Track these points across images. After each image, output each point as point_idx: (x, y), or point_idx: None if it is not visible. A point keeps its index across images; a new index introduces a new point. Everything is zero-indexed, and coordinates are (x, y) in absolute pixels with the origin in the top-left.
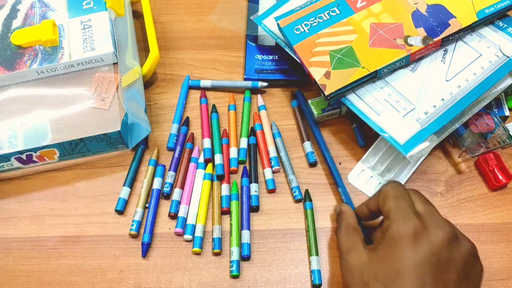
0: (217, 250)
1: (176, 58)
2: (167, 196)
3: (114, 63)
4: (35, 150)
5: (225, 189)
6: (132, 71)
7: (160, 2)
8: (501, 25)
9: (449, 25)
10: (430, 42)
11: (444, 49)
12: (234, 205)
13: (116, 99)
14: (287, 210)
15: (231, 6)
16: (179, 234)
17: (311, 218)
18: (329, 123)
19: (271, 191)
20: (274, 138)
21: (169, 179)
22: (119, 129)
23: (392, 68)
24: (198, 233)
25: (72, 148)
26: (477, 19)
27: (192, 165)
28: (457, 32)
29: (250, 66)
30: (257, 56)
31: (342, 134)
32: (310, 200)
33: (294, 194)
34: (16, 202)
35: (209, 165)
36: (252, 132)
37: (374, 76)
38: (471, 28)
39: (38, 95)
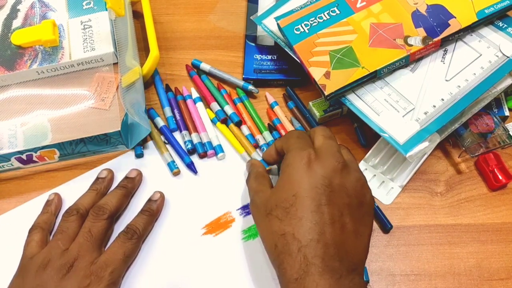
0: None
1: (176, 58)
2: (193, 151)
3: (114, 63)
4: (35, 150)
5: (246, 129)
6: (132, 71)
7: (160, 2)
8: (501, 25)
9: (449, 25)
10: (430, 42)
11: (444, 49)
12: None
13: (116, 99)
14: None
15: (231, 6)
16: (211, 156)
17: None
18: (330, 123)
19: None
20: None
21: (186, 138)
22: (119, 129)
23: (392, 68)
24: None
25: (72, 148)
26: (477, 19)
27: (189, 102)
28: (457, 32)
29: (248, 66)
30: (256, 56)
31: (343, 134)
32: None
33: None
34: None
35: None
36: (271, 128)
37: (374, 76)
38: (471, 28)
39: (38, 95)
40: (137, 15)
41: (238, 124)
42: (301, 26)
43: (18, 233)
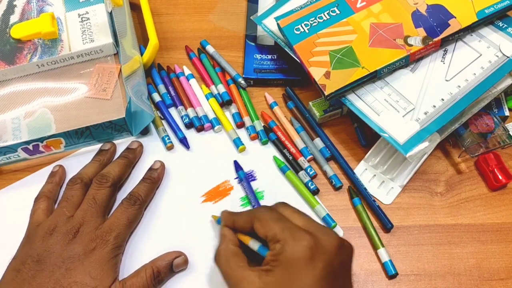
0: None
1: (176, 58)
2: (190, 125)
3: (114, 54)
4: (41, 140)
5: (234, 108)
6: (133, 60)
7: (160, 2)
8: (501, 25)
9: (449, 25)
10: (430, 42)
11: (444, 49)
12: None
13: (118, 89)
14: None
15: (231, 6)
16: (208, 129)
17: (365, 213)
18: (329, 123)
19: (313, 177)
20: (298, 133)
21: (182, 112)
22: (124, 116)
23: (392, 68)
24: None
25: (78, 137)
26: (477, 19)
27: (182, 79)
28: (457, 32)
29: (249, 66)
30: (256, 56)
31: (342, 134)
32: (357, 196)
33: (333, 183)
34: None
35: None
36: (267, 130)
37: (374, 76)
38: (471, 28)
39: (40, 88)
40: (134, 7)
41: (229, 102)
42: (301, 26)
43: (24, 203)
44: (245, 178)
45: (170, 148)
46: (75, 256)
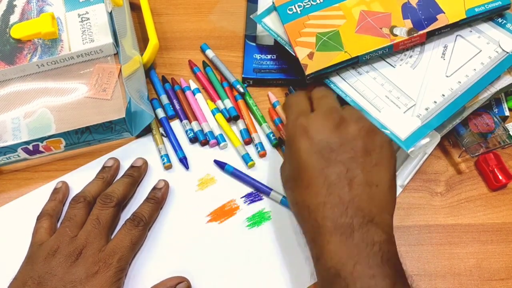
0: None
1: (176, 58)
2: (195, 140)
3: (114, 54)
4: (41, 140)
5: (241, 124)
6: (133, 60)
7: (160, 2)
8: (500, 21)
9: (436, 19)
10: (414, 35)
11: (444, 45)
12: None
13: (118, 89)
14: None
15: (230, 6)
16: (214, 145)
17: None
18: None
19: None
20: None
21: (187, 127)
22: (124, 116)
23: (375, 55)
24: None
25: (78, 137)
26: (465, 17)
27: (188, 93)
28: (443, 28)
29: (248, 65)
30: (255, 55)
31: None
32: None
33: None
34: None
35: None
36: (282, 142)
37: (355, 62)
38: (459, 26)
39: (40, 88)
40: (134, 7)
41: (235, 118)
42: (295, 6)
43: (25, 220)
44: (233, 172)
45: (168, 168)
46: (77, 280)
